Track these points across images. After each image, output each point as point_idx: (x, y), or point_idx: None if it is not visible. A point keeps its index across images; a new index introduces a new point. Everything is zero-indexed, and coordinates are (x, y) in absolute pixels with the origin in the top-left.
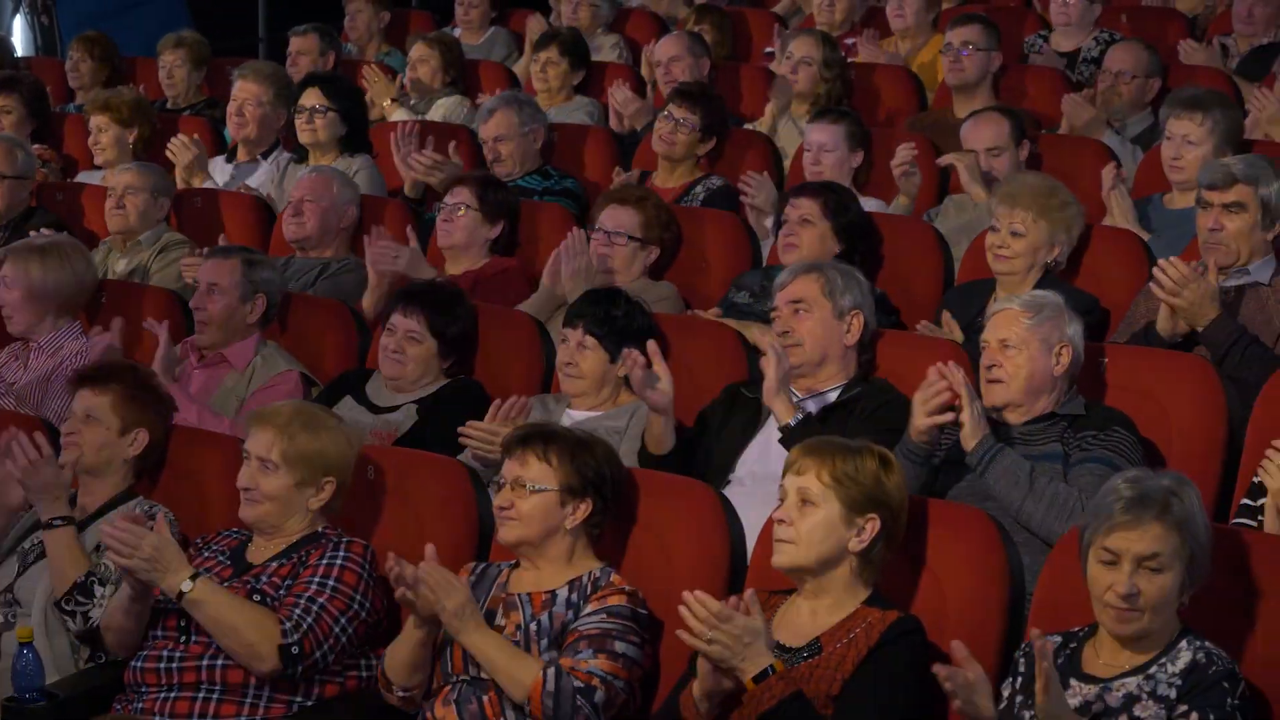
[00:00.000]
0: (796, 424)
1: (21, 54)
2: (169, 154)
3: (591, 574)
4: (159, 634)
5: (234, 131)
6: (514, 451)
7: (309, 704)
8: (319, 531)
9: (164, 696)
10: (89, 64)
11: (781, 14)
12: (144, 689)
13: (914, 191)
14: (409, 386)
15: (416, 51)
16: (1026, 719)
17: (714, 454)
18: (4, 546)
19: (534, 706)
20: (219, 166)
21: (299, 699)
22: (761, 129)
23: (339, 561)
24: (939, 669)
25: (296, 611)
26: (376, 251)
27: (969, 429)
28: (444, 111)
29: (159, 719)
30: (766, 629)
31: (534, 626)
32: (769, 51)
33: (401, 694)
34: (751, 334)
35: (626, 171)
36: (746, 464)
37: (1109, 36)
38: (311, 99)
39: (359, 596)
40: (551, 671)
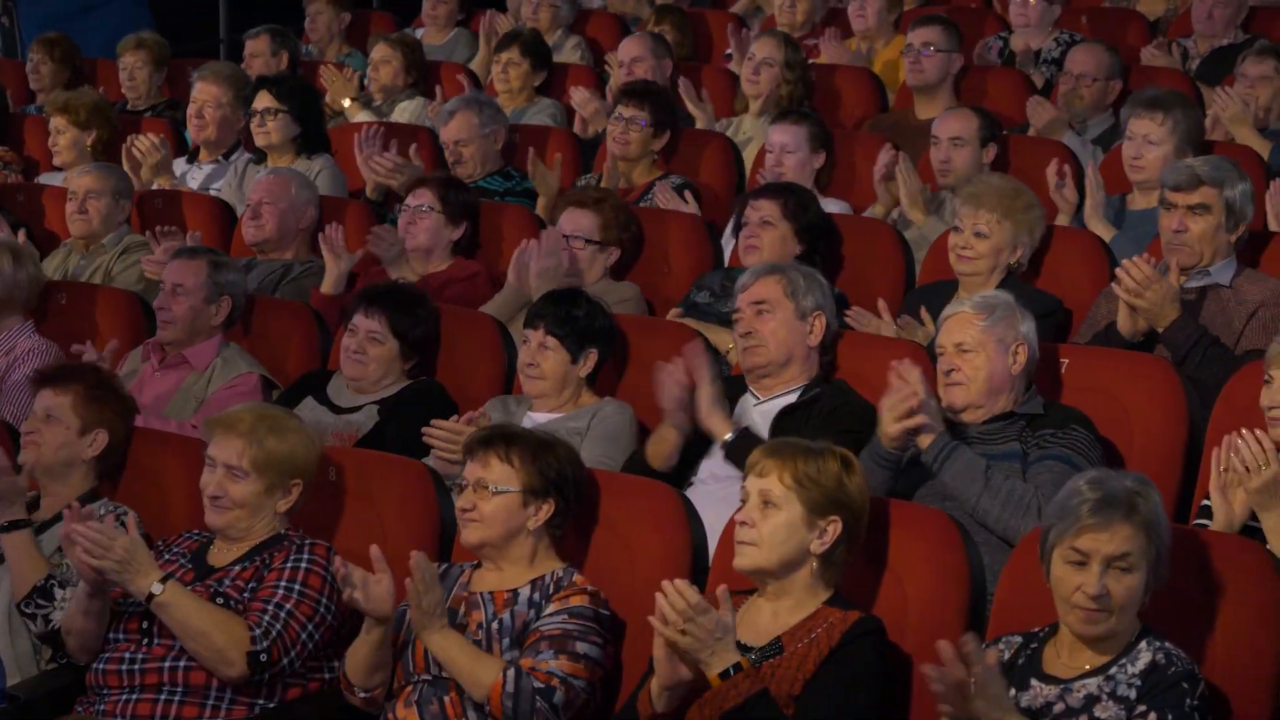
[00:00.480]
0: (735, 438)
1: None
2: (135, 153)
3: (554, 574)
4: (121, 636)
5: (194, 133)
6: (476, 453)
7: (271, 706)
8: (281, 534)
9: (126, 698)
10: (49, 65)
11: (741, 15)
12: (106, 691)
13: (890, 201)
14: (370, 387)
15: (378, 52)
16: None
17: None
18: None
19: (494, 707)
20: (180, 168)
21: (261, 701)
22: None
23: (303, 565)
24: (927, 669)
25: (265, 618)
26: (381, 233)
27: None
28: (409, 114)
29: None
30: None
31: (496, 625)
32: (729, 54)
33: (363, 695)
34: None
35: (586, 174)
36: (709, 465)
37: (1069, 38)
38: (263, 101)
39: (324, 600)
40: (511, 672)
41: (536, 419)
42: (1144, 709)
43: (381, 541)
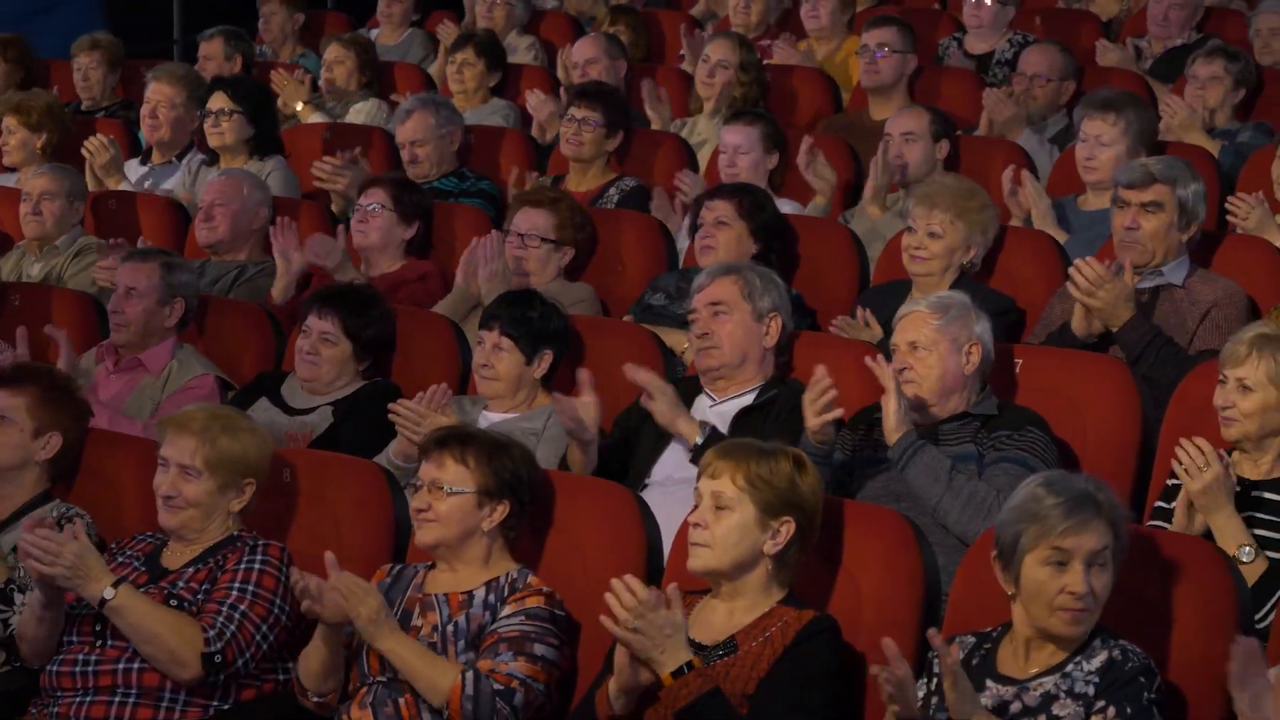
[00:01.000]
0: (705, 441)
1: None
2: (85, 153)
3: (509, 575)
4: (75, 638)
5: (148, 134)
6: (431, 453)
7: (225, 708)
8: (234, 535)
9: (80, 701)
10: (3, 65)
11: (697, 16)
12: (60, 693)
13: (828, 190)
14: (324, 388)
15: (332, 53)
16: (941, 719)
17: (631, 457)
18: None
19: (453, 710)
20: (134, 168)
21: (215, 703)
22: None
23: (257, 566)
24: (876, 669)
25: (219, 619)
26: (316, 242)
27: (893, 423)
28: (364, 115)
29: None
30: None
31: (451, 628)
32: (682, 55)
33: (316, 699)
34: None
35: (541, 175)
36: (664, 467)
37: (1023, 39)
38: (218, 102)
39: (278, 600)
40: (470, 675)
41: (492, 419)
42: (1103, 704)
43: (336, 542)
